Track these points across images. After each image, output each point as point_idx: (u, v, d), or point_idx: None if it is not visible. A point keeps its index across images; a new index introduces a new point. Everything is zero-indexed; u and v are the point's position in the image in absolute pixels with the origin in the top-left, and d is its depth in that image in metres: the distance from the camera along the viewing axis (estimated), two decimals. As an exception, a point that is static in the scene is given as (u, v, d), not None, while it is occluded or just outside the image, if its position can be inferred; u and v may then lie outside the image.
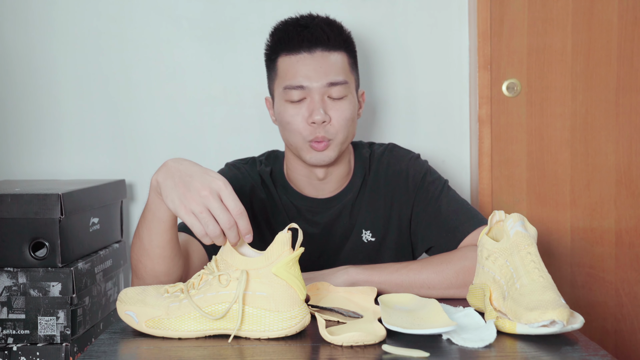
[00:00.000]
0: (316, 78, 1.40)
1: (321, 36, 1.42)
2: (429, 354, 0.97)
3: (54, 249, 1.59)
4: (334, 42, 1.43)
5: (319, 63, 1.41)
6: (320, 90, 1.41)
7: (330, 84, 1.41)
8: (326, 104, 1.41)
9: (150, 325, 1.07)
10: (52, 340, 1.59)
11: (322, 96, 1.41)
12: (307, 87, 1.41)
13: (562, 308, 1.00)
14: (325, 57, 1.42)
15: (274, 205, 1.51)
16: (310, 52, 1.41)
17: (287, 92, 1.42)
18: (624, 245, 1.98)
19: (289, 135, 1.44)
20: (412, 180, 1.50)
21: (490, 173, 1.96)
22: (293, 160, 1.50)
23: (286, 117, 1.43)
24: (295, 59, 1.42)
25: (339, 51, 1.44)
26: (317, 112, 1.39)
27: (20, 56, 2.01)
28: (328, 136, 1.41)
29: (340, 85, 1.42)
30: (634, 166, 1.96)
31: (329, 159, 1.43)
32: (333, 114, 1.41)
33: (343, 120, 1.42)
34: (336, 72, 1.42)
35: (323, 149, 1.41)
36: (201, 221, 1.07)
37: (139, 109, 2.02)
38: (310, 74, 1.40)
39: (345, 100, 1.43)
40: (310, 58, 1.41)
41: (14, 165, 2.03)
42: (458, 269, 1.32)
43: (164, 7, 2.01)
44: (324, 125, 1.40)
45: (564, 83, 1.96)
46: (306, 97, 1.41)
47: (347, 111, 1.42)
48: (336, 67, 1.42)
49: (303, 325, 1.06)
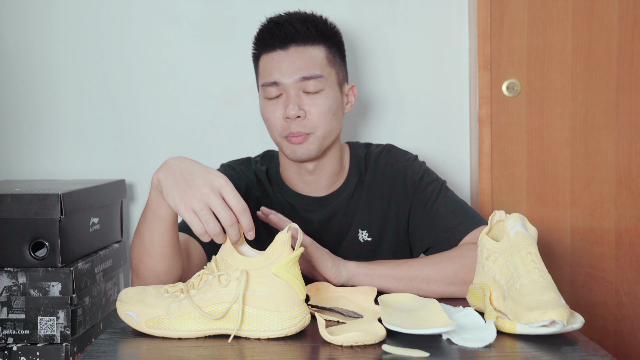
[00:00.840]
0: (289, 74, 1.42)
1: (291, 32, 1.43)
2: (429, 354, 0.97)
3: (54, 249, 1.59)
4: (306, 37, 1.44)
5: (292, 59, 1.43)
6: (294, 86, 1.42)
7: (303, 78, 1.42)
8: (301, 99, 1.42)
9: (150, 325, 1.07)
10: (52, 340, 1.59)
11: (297, 91, 1.42)
12: (281, 83, 1.42)
13: (562, 308, 1.00)
14: (300, 52, 1.43)
15: (269, 203, 1.51)
16: (285, 48, 1.43)
17: (265, 89, 1.45)
18: (624, 245, 1.98)
19: (270, 131, 1.47)
20: (409, 180, 1.50)
21: (490, 173, 1.96)
22: (284, 158, 1.52)
23: (265, 114, 1.46)
24: (272, 56, 1.44)
25: (315, 45, 1.45)
26: (290, 108, 1.41)
27: (20, 56, 2.01)
28: (305, 130, 1.42)
29: (315, 79, 1.42)
30: (634, 166, 1.96)
31: (309, 152, 1.43)
32: (309, 109, 1.42)
33: (320, 114, 1.42)
34: (311, 67, 1.43)
35: (301, 142, 1.42)
36: (201, 218, 1.07)
37: (139, 109, 2.02)
38: (283, 70, 1.42)
39: (321, 94, 1.43)
40: (285, 54, 1.43)
41: (14, 165, 2.03)
42: (458, 266, 1.32)
43: (164, 7, 2.01)
44: (299, 120, 1.42)
45: (564, 83, 1.96)
46: (282, 94, 1.43)
47: (323, 105, 1.43)
48: (311, 61, 1.43)
49: (303, 325, 1.06)
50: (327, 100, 1.43)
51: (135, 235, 1.24)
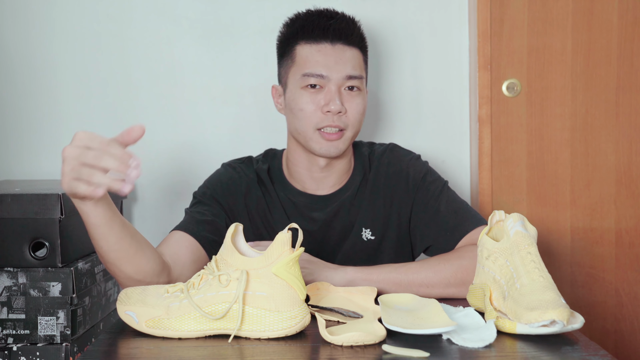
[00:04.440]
0: (336, 69, 1.43)
1: (345, 30, 1.46)
2: (429, 354, 0.97)
3: (54, 249, 1.59)
4: (353, 38, 1.47)
5: (339, 55, 1.45)
6: (338, 82, 1.44)
7: (348, 76, 1.44)
8: (342, 96, 1.44)
9: (150, 325, 1.07)
10: (52, 340, 1.59)
11: (338, 87, 1.44)
12: (326, 76, 1.43)
13: (562, 308, 1.00)
14: (345, 51, 1.45)
15: (271, 202, 1.51)
16: (332, 43, 1.45)
17: (306, 79, 1.44)
18: (624, 245, 1.98)
19: (299, 123, 1.46)
20: (412, 180, 1.51)
21: (490, 173, 1.97)
22: (295, 152, 1.51)
23: (300, 104, 1.45)
24: (317, 47, 1.45)
25: (356, 47, 1.48)
26: (334, 102, 1.42)
27: (20, 56, 2.01)
28: (342, 125, 1.44)
29: (357, 79, 1.45)
30: (634, 166, 1.96)
31: (338, 150, 1.45)
32: (348, 106, 1.44)
33: (357, 114, 1.45)
34: (354, 67, 1.45)
35: (336, 138, 1.44)
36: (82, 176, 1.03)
37: (139, 108, 2.02)
38: (330, 65, 1.43)
39: (360, 95, 1.47)
40: (332, 49, 1.45)
41: (14, 165, 2.03)
42: (456, 268, 1.33)
43: (164, 7, 2.01)
44: (340, 115, 1.43)
45: (564, 83, 1.96)
46: (323, 87, 1.44)
47: (360, 105, 1.46)
48: (354, 61, 1.46)
49: (303, 325, 1.06)
50: (363, 101, 1.47)
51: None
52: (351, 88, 1.45)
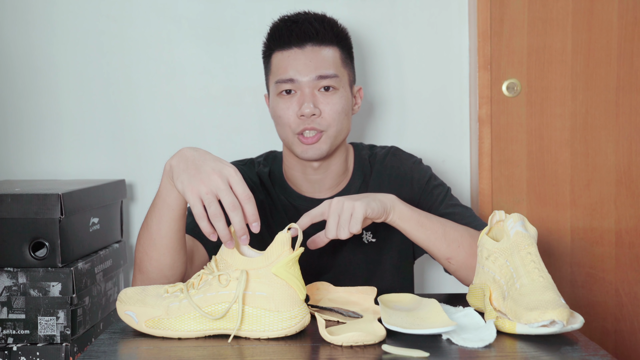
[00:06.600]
0: (306, 72, 1.43)
1: (310, 31, 1.45)
2: (429, 354, 0.97)
3: (54, 249, 1.59)
4: (324, 37, 1.46)
5: (309, 57, 1.44)
6: (310, 84, 1.43)
7: (320, 77, 1.43)
8: (316, 98, 1.43)
9: (150, 325, 1.08)
10: (52, 340, 1.59)
11: (312, 90, 1.43)
12: (297, 80, 1.43)
13: (562, 308, 1.00)
14: (316, 52, 1.44)
15: (272, 205, 1.51)
16: (301, 47, 1.44)
17: (279, 85, 1.45)
18: (624, 245, 1.98)
19: (280, 129, 1.47)
20: (417, 183, 1.51)
21: (490, 173, 1.96)
22: (289, 157, 1.52)
23: (277, 111, 1.46)
24: (287, 54, 1.45)
25: (331, 46, 1.46)
26: (306, 106, 1.41)
27: (21, 56, 2.01)
28: (319, 127, 1.43)
29: (330, 79, 1.44)
30: (634, 166, 1.96)
31: (320, 152, 1.44)
32: (323, 107, 1.43)
33: (334, 113, 1.44)
34: (326, 66, 1.44)
35: (314, 142, 1.43)
36: (205, 202, 1.08)
37: (139, 108, 2.02)
38: (300, 68, 1.43)
39: (336, 94, 1.45)
40: (301, 53, 1.44)
41: (14, 165, 2.03)
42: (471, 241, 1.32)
43: (164, 7, 2.01)
44: (314, 118, 1.42)
45: (564, 83, 1.96)
46: (297, 91, 1.44)
47: (337, 104, 1.44)
48: (327, 61, 1.45)
49: (303, 325, 1.07)
50: (341, 100, 1.45)
51: (142, 226, 1.25)
52: (327, 88, 1.44)
